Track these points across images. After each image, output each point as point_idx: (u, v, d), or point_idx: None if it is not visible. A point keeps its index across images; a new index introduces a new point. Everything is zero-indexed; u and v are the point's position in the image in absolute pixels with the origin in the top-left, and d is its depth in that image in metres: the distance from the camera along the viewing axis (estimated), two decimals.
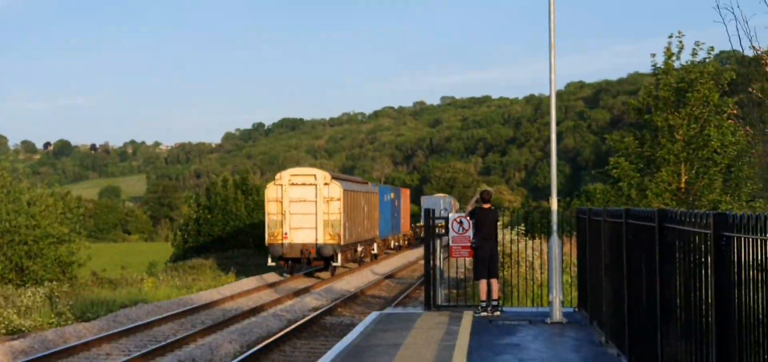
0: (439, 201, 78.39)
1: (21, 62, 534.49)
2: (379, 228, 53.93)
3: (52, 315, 27.85)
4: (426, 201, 79.92)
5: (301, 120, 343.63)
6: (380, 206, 54.29)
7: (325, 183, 41.34)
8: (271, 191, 41.96)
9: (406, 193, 70.94)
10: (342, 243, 41.69)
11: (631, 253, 11.56)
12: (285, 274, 42.87)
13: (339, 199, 41.24)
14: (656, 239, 9.72)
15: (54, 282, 34.71)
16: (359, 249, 47.38)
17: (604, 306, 14.21)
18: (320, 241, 41.06)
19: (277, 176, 42.34)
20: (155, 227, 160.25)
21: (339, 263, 42.04)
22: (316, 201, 40.73)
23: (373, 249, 52.47)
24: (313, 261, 41.77)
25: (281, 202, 41.14)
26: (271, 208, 41.85)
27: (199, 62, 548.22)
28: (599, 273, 14.70)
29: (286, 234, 41.22)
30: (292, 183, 41.29)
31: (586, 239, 16.71)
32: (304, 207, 41.00)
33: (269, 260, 42.08)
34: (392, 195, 60.86)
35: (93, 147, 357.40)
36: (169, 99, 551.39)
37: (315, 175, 41.72)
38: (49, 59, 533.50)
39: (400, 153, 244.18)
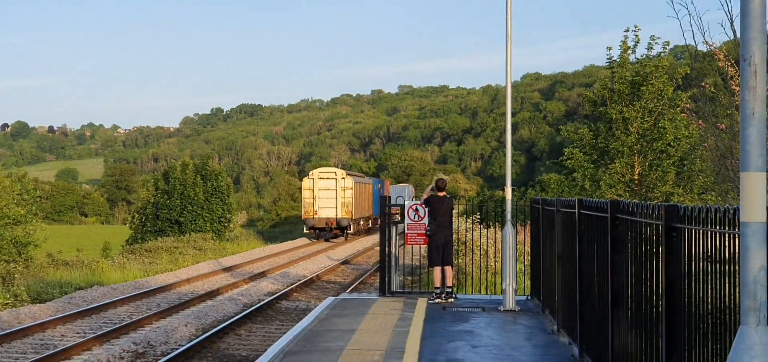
0: (404, 190, 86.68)
1: None
2: (373, 209, 71.19)
3: (7, 296, 27.70)
4: (395, 190, 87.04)
5: (260, 106, 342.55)
6: (373, 193, 71.32)
7: (342, 178, 60.42)
8: (305, 183, 61.94)
9: (388, 183, 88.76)
10: (353, 217, 61.05)
11: (584, 243, 11.74)
12: (313, 239, 61.05)
13: (351, 188, 60.37)
14: (608, 229, 9.89)
15: (10, 264, 34.48)
16: (361, 222, 66.73)
17: (557, 295, 14.40)
18: (339, 216, 60.15)
19: (310, 173, 61.41)
20: (112, 210, 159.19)
21: (351, 230, 61.40)
22: (335, 190, 58.85)
23: (369, 224, 71.32)
24: (333, 230, 60.28)
25: (312, 190, 60.06)
26: (305, 194, 61.19)
27: (158, 46, 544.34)
28: (552, 263, 14.90)
29: (316, 211, 60.17)
30: (320, 177, 60.47)
31: (540, 228, 16.90)
32: (327, 193, 59.43)
33: (304, 228, 62.14)
34: (380, 185, 78.09)
35: (51, 129, 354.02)
36: (128, 82, 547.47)
37: (335, 172, 60.57)
38: (7, 38, 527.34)
39: (357, 140, 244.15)
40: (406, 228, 18.74)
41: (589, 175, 31.05)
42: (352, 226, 60.75)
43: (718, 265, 6.70)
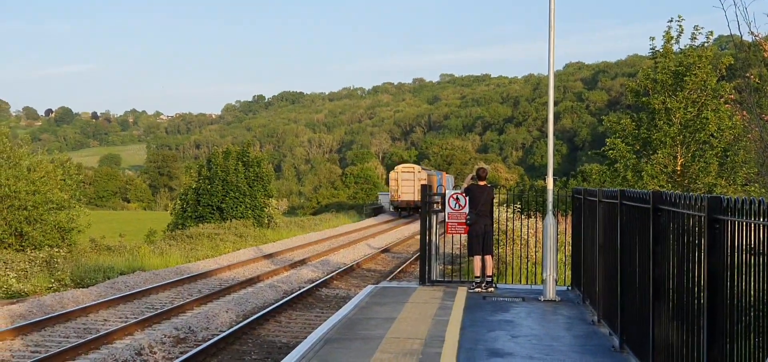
0: (449, 180, 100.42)
1: (24, 28, 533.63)
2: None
3: (51, 281, 28.01)
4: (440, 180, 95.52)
5: (301, 93, 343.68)
6: (437, 182, 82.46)
7: (418, 171, 79.36)
8: (392, 174, 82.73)
9: (445, 175, 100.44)
10: None
11: (625, 234, 11.68)
12: (395, 215, 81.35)
13: (424, 179, 74.23)
14: (650, 220, 9.84)
15: (54, 248, 34.85)
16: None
17: (597, 285, 14.34)
18: (415, 199, 73.91)
19: (395, 167, 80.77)
20: (154, 196, 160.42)
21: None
22: (413, 180, 74.92)
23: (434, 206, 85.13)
24: (411, 211, 76.90)
25: (397, 180, 79.65)
26: (392, 184, 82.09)
27: (201, 33, 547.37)
28: (593, 253, 14.83)
29: (399, 195, 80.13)
30: (403, 171, 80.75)
31: (581, 219, 16.83)
32: (407, 183, 76.74)
33: (390, 208, 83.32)
34: (440, 176, 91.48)
35: (94, 115, 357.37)
36: (171, 69, 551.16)
37: (413, 167, 78.69)
38: (52, 25, 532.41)
39: (398, 128, 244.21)
40: (446, 217, 18.73)
41: (631, 166, 30.84)
42: None
43: (761, 258, 6.65)
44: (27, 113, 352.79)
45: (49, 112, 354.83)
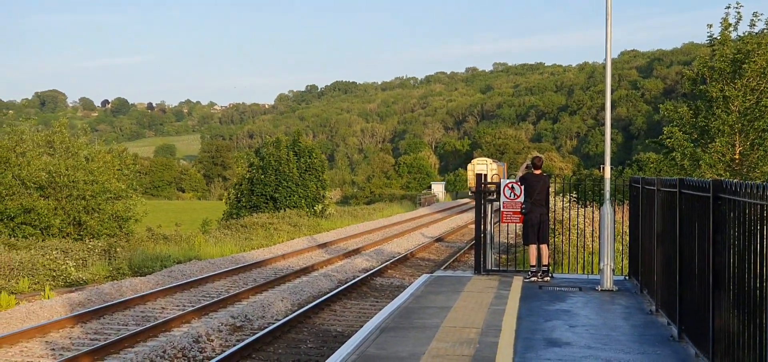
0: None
1: (81, 20, 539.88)
2: None
3: (109, 269, 28.36)
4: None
5: (354, 83, 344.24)
6: (503, 173, 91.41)
7: (490, 163, 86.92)
8: (470, 166, 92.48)
9: (505, 166, 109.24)
10: None
11: (684, 223, 11.57)
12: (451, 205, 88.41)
13: (495, 170, 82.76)
14: (710, 209, 9.73)
15: (112, 237, 35.27)
16: None
17: (655, 275, 14.21)
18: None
19: (472, 161, 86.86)
20: (208, 186, 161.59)
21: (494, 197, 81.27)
22: (487, 170, 77.47)
23: None
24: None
25: (473, 171, 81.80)
26: (470, 174, 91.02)
27: (254, 24, 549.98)
28: (651, 242, 14.70)
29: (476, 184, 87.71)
30: (478, 163, 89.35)
31: (639, 208, 16.69)
32: (482, 172, 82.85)
33: (470, 193, 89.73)
34: (503, 167, 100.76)
35: (150, 106, 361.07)
36: (225, 60, 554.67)
37: (486, 161, 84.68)
38: (107, 17, 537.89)
39: (451, 118, 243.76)
40: (501, 206, 18.66)
41: (688, 154, 30.54)
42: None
43: None
44: (84, 104, 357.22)
45: (105, 103, 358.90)
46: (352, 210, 72.63)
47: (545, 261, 18.33)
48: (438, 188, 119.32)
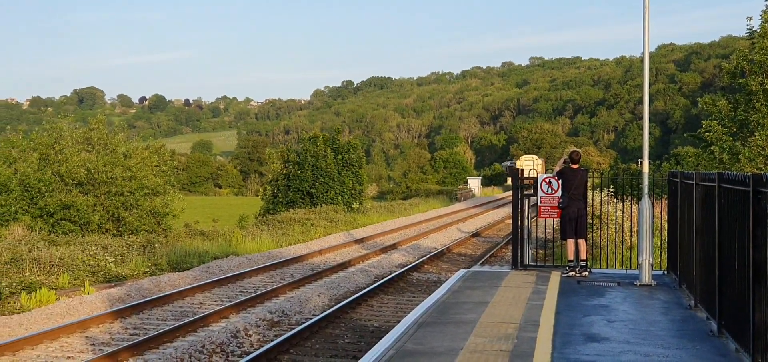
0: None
1: (118, 17, 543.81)
2: None
3: (148, 264, 28.56)
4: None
5: (390, 78, 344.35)
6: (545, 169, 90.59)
7: (535, 159, 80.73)
8: (517, 163, 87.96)
9: (543, 162, 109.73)
10: None
11: (723, 217, 11.49)
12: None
13: (539, 165, 77.67)
14: (750, 203, 9.66)
15: (151, 233, 35.51)
16: None
17: (694, 269, 14.12)
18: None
19: (520, 158, 79.94)
20: (245, 181, 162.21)
21: None
22: (533, 166, 72.49)
23: None
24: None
25: (522, 168, 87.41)
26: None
27: (290, 20, 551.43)
28: (690, 237, 14.61)
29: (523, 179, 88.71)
30: (524, 160, 80.00)
31: (678, 202, 16.58)
32: (528, 169, 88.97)
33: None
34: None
35: (186, 102, 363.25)
36: (261, 56, 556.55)
37: (533, 157, 79.67)
38: (145, 14, 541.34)
39: (487, 113, 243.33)
40: (539, 201, 18.60)
41: (727, 148, 30.29)
42: None
43: None
44: (122, 101, 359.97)
45: (142, 99, 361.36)
46: (389, 206, 72.69)
47: (583, 256, 18.25)
48: (474, 183, 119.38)
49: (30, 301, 20.92)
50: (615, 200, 28.35)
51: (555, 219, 18.95)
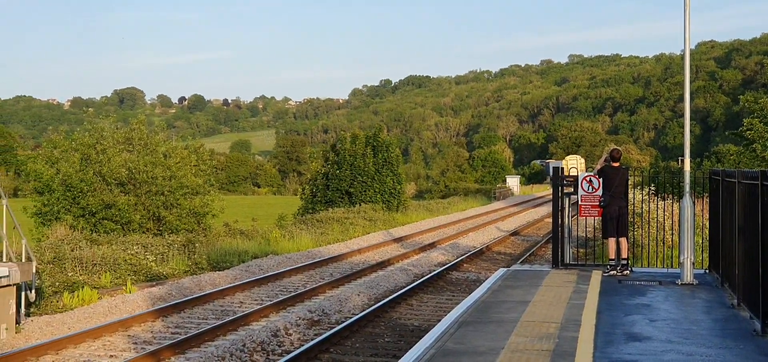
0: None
1: (157, 18, 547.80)
2: None
3: (189, 264, 28.73)
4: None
5: (428, 77, 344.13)
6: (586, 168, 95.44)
7: (578, 159, 74.27)
8: (563, 163, 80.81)
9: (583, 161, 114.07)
10: None
11: (767, 216, 11.38)
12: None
13: (582, 164, 73.07)
14: None
15: (192, 233, 35.70)
16: None
17: (737, 268, 14.01)
18: None
19: (565, 159, 71.44)
20: (284, 181, 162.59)
21: None
22: (576, 165, 67.54)
23: None
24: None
25: (566, 167, 78.98)
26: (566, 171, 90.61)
27: (328, 19, 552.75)
28: (732, 235, 14.49)
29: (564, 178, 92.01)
30: (569, 160, 74.71)
31: (719, 201, 16.45)
32: (572, 168, 78.61)
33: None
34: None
35: (225, 102, 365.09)
36: (299, 55, 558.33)
37: (576, 156, 71.13)
38: (183, 14, 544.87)
39: (525, 111, 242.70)
40: (579, 200, 18.52)
41: None
42: None
43: None
44: (161, 101, 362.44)
45: (182, 99, 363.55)
46: (427, 205, 72.61)
47: (624, 254, 18.15)
48: (513, 181, 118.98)
49: (72, 300, 21.10)
50: (656, 198, 28.17)
51: (595, 217, 18.86)
